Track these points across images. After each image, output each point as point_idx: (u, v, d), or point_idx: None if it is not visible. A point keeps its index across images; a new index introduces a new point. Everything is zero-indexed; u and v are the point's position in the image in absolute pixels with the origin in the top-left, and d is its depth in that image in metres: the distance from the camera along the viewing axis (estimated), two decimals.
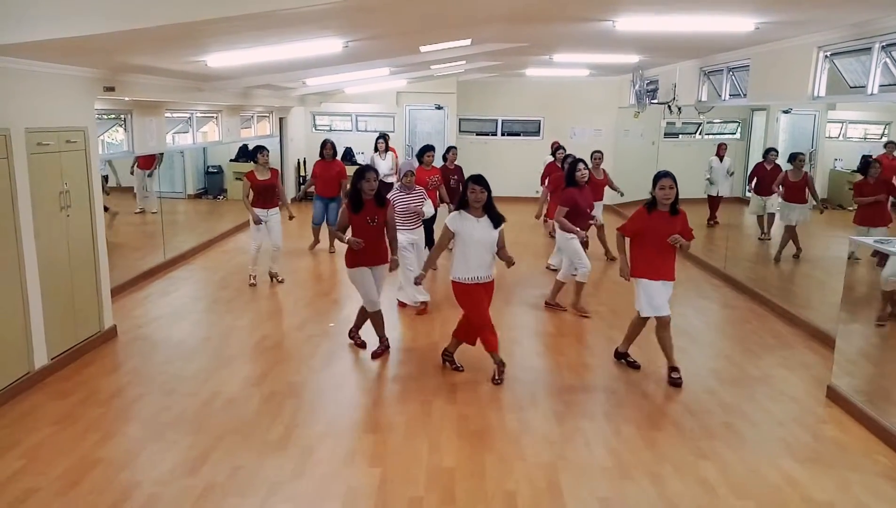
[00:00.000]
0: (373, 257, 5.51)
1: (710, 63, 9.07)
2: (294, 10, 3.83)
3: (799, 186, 8.54)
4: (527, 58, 10.35)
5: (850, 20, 5.66)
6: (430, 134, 14.79)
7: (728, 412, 4.77)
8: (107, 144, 7.91)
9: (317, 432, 4.41)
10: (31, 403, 4.74)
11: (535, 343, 6.22)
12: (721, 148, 11.34)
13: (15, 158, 4.75)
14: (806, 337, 6.36)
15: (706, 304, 7.68)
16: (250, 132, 12.32)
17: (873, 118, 10.14)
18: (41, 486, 3.70)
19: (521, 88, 14.79)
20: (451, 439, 4.32)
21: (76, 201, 5.52)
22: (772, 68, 7.37)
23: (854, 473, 3.99)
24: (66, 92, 5.40)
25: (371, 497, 3.66)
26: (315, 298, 7.46)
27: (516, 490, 3.75)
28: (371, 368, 5.54)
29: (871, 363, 4.69)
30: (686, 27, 6.15)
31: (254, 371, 5.35)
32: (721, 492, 3.77)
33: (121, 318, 6.36)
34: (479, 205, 4.99)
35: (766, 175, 9.25)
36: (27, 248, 4.92)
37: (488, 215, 5.01)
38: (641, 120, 12.81)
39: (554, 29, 6.90)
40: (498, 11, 5.58)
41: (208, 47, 5.39)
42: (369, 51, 7.20)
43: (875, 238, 4.78)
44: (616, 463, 4.06)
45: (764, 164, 9.40)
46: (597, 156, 9.30)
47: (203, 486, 3.73)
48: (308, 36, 5.43)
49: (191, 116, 9.90)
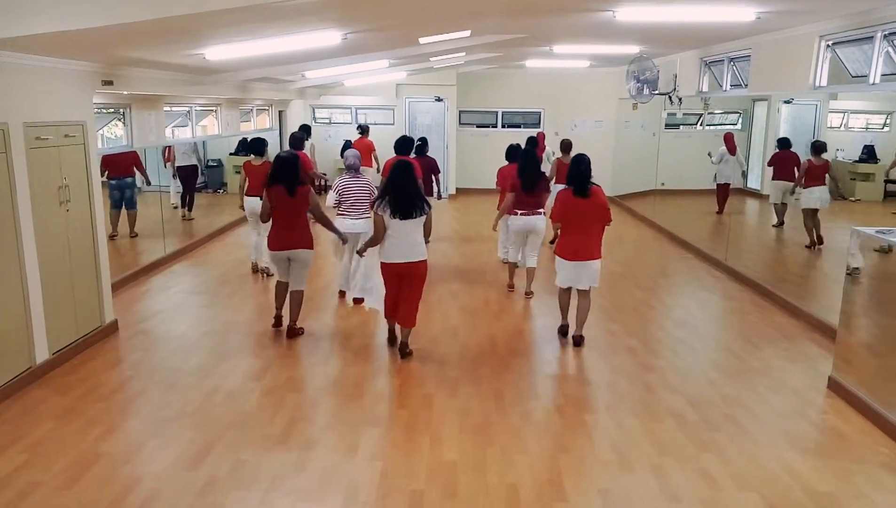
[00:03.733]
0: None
1: (711, 53, 9.03)
2: (291, 2, 3.81)
3: (822, 171, 8.69)
4: (527, 49, 10.31)
5: (851, 9, 5.62)
6: (430, 126, 14.74)
7: (729, 404, 4.76)
8: (105, 139, 7.89)
9: (318, 426, 4.41)
10: (33, 398, 4.74)
11: (535, 338, 6.22)
12: (730, 140, 11.12)
13: (13, 153, 4.73)
14: (808, 328, 6.35)
15: (707, 295, 7.67)
16: (250, 126, 12.29)
17: (875, 108, 10.11)
18: (43, 480, 3.71)
19: (522, 80, 14.73)
20: (453, 432, 4.32)
21: (75, 195, 5.50)
22: (773, 58, 7.33)
23: (855, 464, 3.99)
24: (65, 86, 5.38)
25: (372, 491, 3.66)
26: (314, 293, 7.44)
27: (518, 483, 3.75)
28: (372, 362, 5.54)
29: (872, 354, 4.68)
30: (687, 17, 6.11)
31: (254, 366, 5.35)
32: (723, 484, 3.77)
33: (122, 313, 6.36)
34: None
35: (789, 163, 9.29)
36: (27, 243, 4.91)
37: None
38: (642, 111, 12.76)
39: (554, 20, 6.86)
40: (498, 2, 5.54)
41: (207, 40, 5.36)
42: (368, 43, 7.16)
43: (876, 229, 4.76)
44: (617, 456, 4.06)
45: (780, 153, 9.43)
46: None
47: (204, 480, 3.73)
48: (307, 28, 5.40)
49: (190, 109, 9.86)
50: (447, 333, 6.13)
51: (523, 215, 6.98)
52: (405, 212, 5.13)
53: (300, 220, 5.79)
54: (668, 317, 6.96)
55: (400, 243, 5.20)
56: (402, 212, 5.13)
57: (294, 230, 5.77)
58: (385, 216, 5.16)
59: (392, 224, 5.16)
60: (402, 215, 5.13)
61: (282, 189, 5.66)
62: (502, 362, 5.50)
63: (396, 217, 5.13)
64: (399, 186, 5.18)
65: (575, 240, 5.63)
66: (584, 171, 5.55)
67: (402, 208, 5.13)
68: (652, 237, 10.77)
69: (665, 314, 7.06)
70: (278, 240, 5.81)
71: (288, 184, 5.65)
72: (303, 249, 5.81)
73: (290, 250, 5.80)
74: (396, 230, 5.17)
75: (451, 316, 6.62)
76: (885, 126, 10.32)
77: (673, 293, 8.00)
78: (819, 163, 8.76)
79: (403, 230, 5.18)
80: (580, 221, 5.61)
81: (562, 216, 5.68)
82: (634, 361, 5.54)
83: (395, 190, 5.18)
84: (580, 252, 5.62)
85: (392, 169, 5.31)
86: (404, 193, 5.16)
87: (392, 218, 5.13)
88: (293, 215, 5.74)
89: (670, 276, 8.65)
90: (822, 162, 8.76)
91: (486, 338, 6.03)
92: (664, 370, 5.38)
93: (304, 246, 5.81)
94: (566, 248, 5.69)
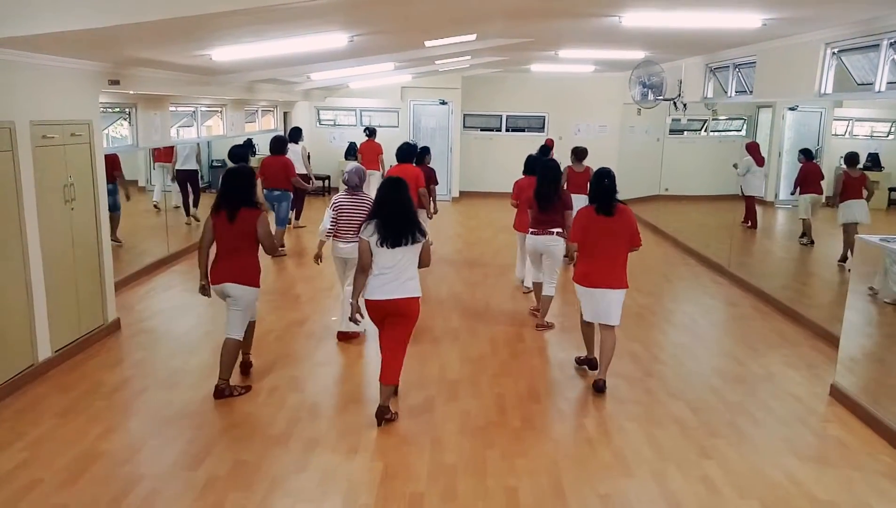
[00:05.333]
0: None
1: (717, 59, 9.03)
2: (297, 4, 3.82)
3: (859, 183, 8.30)
4: (532, 53, 10.32)
5: (858, 17, 5.62)
6: (434, 129, 14.77)
7: (731, 411, 4.75)
8: (111, 138, 7.91)
9: (318, 426, 4.41)
10: (35, 395, 4.75)
11: (537, 340, 6.21)
12: (756, 150, 10.44)
13: (20, 151, 4.75)
14: (810, 335, 6.33)
15: (710, 301, 7.66)
16: (255, 126, 12.32)
17: (880, 116, 10.08)
18: (44, 478, 3.71)
19: (526, 84, 14.75)
20: (453, 435, 4.32)
21: (81, 194, 5.52)
22: (778, 65, 7.33)
23: (857, 472, 3.98)
24: (71, 85, 5.40)
25: (372, 492, 3.66)
26: (316, 293, 7.46)
27: (518, 486, 3.75)
28: (373, 364, 5.53)
29: (874, 362, 4.67)
30: (693, 23, 6.12)
31: (256, 366, 5.35)
32: (724, 491, 3.76)
33: (124, 311, 6.37)
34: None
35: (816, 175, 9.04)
36: (31, 241, 4.92)
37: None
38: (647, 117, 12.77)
39: (560, 24, 6.88)
40: (504, 7, 5.55)
41: (213, 41, 5.38)
42: (374, 45, 7.18)
43: (881, 236, 4.75)
44: (618, 461, 4.06)
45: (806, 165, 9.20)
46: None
47: (205, 480, 3.74)
48: (313, 30, 5.42)
49: (195, 109, 9.90)
50: (447, 337, 6.13)
51: (534, 234, 6.29)
52: (395, 238, 4.22)
53: (245, 251, 4.75)
54: (670, 322, 6.95)
55: (387, 275, 4.26)
56: (391, 239, 4.21)
57: (235, 262, 4.72)
58: (371, 243, 4.25)
59: (379, 253, 4.24)
60: (391, 243, 4.21)
61: (223, 213, 4.68)
62: (503, 365, 5.49)
63: (385, 245, 4.21)
64: (388, 206, 4.27)
65: (596, 264, 4.91)
66: (608, 186, 4.88)
67: (391, 233, 4.22)
68: (655, 243, 10.76)
69: (667, 320, 7.05)
70: (216, 272, 4.77)
71: (230, 207, 4.67)
72: (242, 284, 4.74)
73: (228, 285, 4.73)
74: (384, 260, 4.25)
75: (451, 321, 6.61)
76: (890, 134, 10.30)
77: (675, 299, 7.99)
78: (856, 175, 8.28)
79: (392, 260, 4.25)
80: (603, 243, 4.89)
81: (583, 237, 4.98)
82: (636, 366, 5.53)
83: (383, 211, 4.27)
84: (601, 278, 4.88)
85: (381, 186, 4.41)
86: (394, 214, 4.25)
87: (379, 246, 4.23)
88: (233, 244, 4.72)
89: (673, 281, 8.64)
90: (857, 175, 8.28)
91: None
92: (666, 375, 5.37)
93: (242, 281, 4.74)
94: (584, 273, 4.96)
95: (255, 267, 4.83)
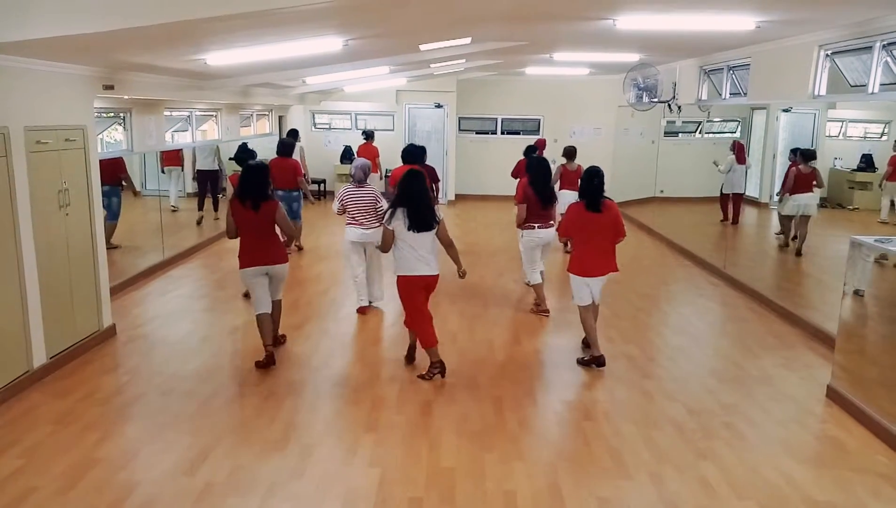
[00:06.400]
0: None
1: (711, 62, 9.06)
2: (290, 8, 3.82)
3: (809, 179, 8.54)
4: (527, 56, 10.33)
5: (851, 19, 5.64)
6: (429, 133, 14.77)
7: (728, 412, 4.76)
8: (105, 143, 7.89)
9: (316, 431, 4.40)
10: (30, 402, 4.73)
11: (534, 343, 6.21)
12: (741, 150, 10.74)
13: (14, 157, 4.74)
14: (806, 337, 6.35)
15: (706, 303, 7.67)
16: (250, 131, 12.31)
17: (873, 117, 10.12)
18: (40, 485, 3.69)
19: (521, 87, 14.77)
20: (451, 439, 4.31)
21: (75, 199, 5.50)
22: (772, 67, 7.36)
23: (854, 473, 3.99)
24: (66, 90, 5.38)
25: (370, 497, 3.65)
26: (313, 298, 7.44)
27: (516, 490, 3.75)
28: (370, 368, 5.53)
29: (871, 362, 4.68)
30: (687, 26, 6.14)
31: (253, 371, 5.34)
32: (721, 492, 3.76)
33: (120, 317, 6.35)
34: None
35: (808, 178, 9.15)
36: (26, 246, 4.90)
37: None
38: (641, 119, 12.79)
39: (554, 28, 6.89)
40: (498, 10, 5.56)
41: (207, 46, 5.37)
42: (369, 49, 7.18)
43: (875, 237, 4.77)
44: (616, 463, 4.06)
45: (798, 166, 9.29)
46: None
47: (202, 486, 3.72)
48: (308, 34, 5.42)
49: (190, 114, 9.88)
50: (446, 339, 6.11)
51: (541, 228, 6.77)
52: (422, 224, 5.01)
53: (273, 235, 5.42)
54: (666, 324, 6.97)
55: (420, 254, 5.06)
56: (418, 225, 4.99)
57: (269, 246, 5.41)
58: (398, 229, 5.01)
59: (409, 237, 5.00)
60: (418, 228, 4.99)
61: (248, 204, 5.25)
62: (501, 368, 5.49)
63: (413, 230, 4.99)
64: (414, 197, 5.03)
65: (590, 256, 5.44)
66: (597, 185, 5.36)
67: (419, 221, 5.00)
68: (650, 245, 10.78)
69: (663, 322, 7.06)
70: (252, 256, 5.37)
71: (254, 199, 5.24)
72: (282, 263, 5.48)
73: (269, 266, 5.42)
74: (415, 243, 5.03)
75: (448, 322, 6.61)
76: (884, 135, 10.34)
77: (671, 301, 8.00)
78: (807, 171, 8.59)
79: (420, 242, 5.04)
80: (593, 236, 5.42)
81: (574, 232, 5.55)
82: (633, 368, 5.54)
83: (411, 202, 5.02)
84: (595, 268, 5.43)
85: (405, 179, 5.10)
86: (419, 204, 5.02)
87: (409, 231, 4.98)
88: (262, 230, 5.35)
89: (669, 283, 8.65)
90: (809, 170, 8.59)
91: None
92: (662, 377, 5.38)
93: (280, 261, 5.47)
94: (581, 264, 5.47)
95: (283, 247, 5.59)
